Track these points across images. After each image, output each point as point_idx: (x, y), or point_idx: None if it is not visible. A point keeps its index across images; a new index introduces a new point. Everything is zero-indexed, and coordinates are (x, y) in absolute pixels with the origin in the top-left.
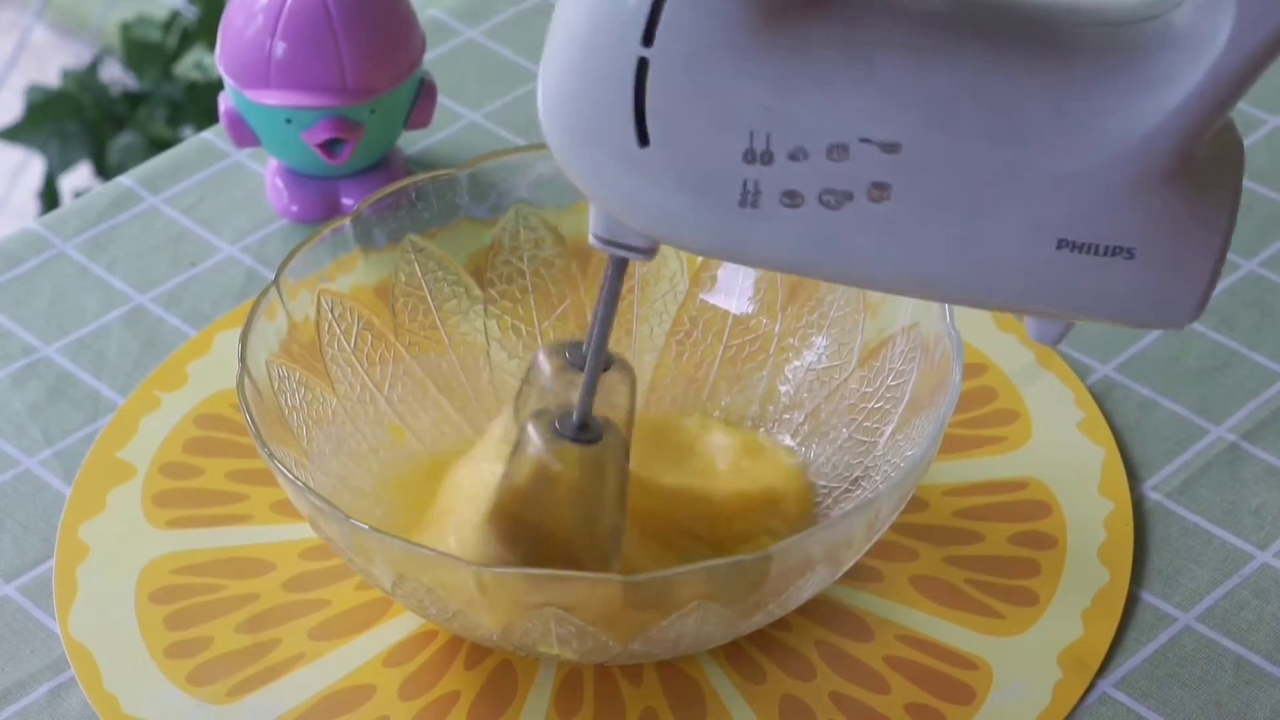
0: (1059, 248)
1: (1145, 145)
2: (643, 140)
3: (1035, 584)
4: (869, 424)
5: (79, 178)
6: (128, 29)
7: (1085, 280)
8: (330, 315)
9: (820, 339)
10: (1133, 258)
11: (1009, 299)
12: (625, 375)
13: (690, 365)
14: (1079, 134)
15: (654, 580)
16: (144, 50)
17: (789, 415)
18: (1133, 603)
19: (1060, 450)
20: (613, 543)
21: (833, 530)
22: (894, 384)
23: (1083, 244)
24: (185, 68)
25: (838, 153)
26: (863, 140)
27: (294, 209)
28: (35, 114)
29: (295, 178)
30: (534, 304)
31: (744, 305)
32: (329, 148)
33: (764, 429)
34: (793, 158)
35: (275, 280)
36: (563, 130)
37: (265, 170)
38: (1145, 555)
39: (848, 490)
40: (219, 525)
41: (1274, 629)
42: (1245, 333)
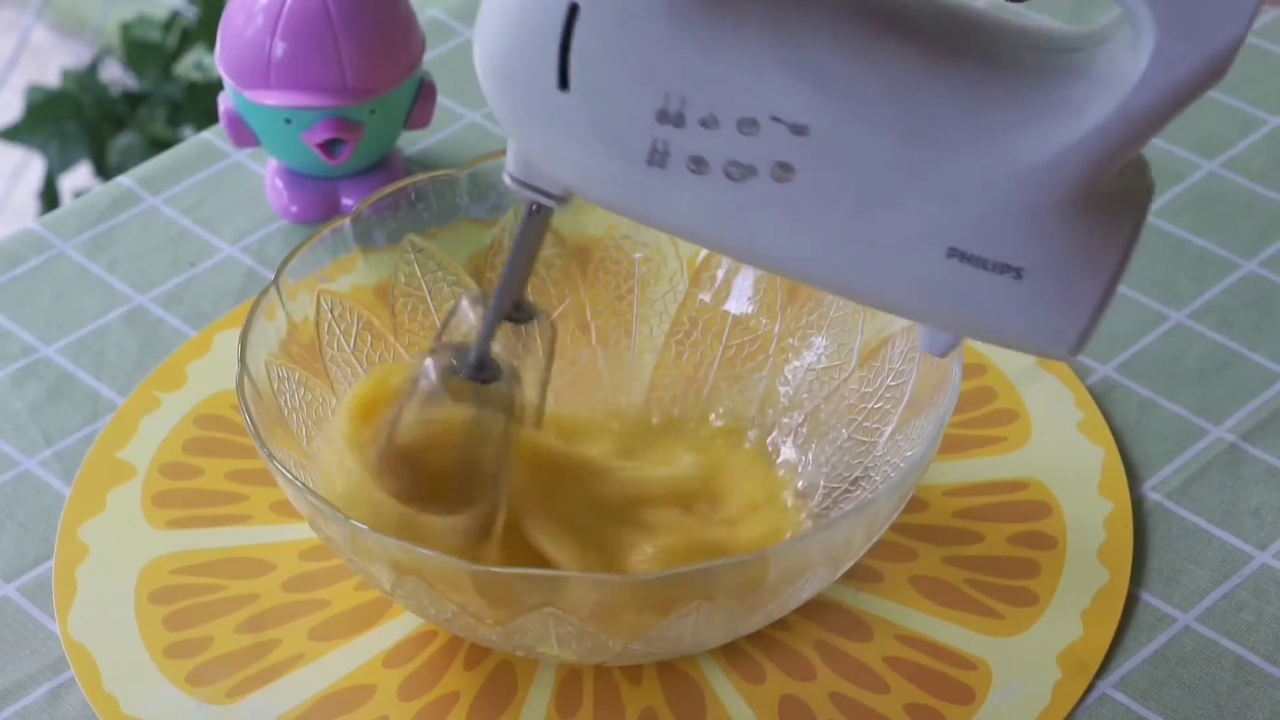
0: (949, 256)
1: (1047, 168)
2: (563, 83)
3: (1035, 584)
4: (869, 424)
5: (79, 178)
6: (128, 29)
7: (972, 293)
8: (330, 315)
9: (820, 339)
10: (1020, 278)
11: (896, 301)
12: (546, 328)
13: (690, 365)
14: (984, 145)
15: (654, 580)
16: (144, 50)
17: (789, 415)
18: (1132, 603)
19: (1060, 450)
20: (496, 485)
21: (832, 531)
22: (894, 384)
23: (973, 256)
24: (185, 68)
25: (748, 127)
26: (774, 118)
27: (294, 209)
28: (35, 114)
29: (295, 178)
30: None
31: (744, 305)
32: (329, 148)
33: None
34: (704, 124)
35: (275, 280)
36: (491, 64)
37: (265, 170)
38: (1145, 555)
39: (847, 490)
40: (219, 525)
41: (1274, 629)
42: (1245, 333)
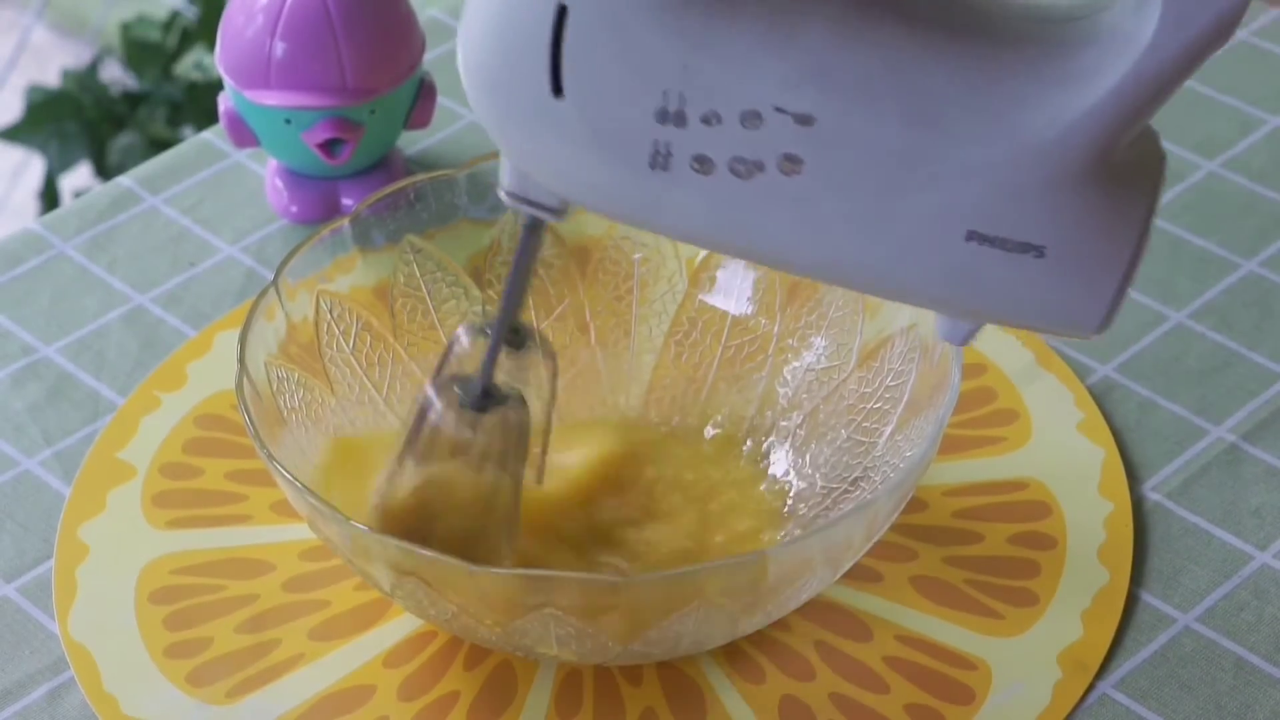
0: (968, 239)
1: (1061, 141)
2: (556, 90)
3: (1035, 584)
4: (868, 424)
5: (79, 178)
6: (128, 29)
7: (994, 275)
8: (329, 316)
9: (819, 339)
10: (1043, 256)
11: (917, 290)
12: (548, 356)
13: (689, 366)
14: (995, 123)
15: (653, 581)
16: (144, 50)
17: (788, 416)
18: (1133, 603)
19: (1060, 451)
20: (507, 518)
21: (832, 531)
22: (893, 384)
23: (993, 237)
24: (185, 68)
25: (751, 120)
26: (777, 109)
27: (294, 209)
28: (35, 114)
29: (295, 178)
30: (532, 304)
31: (743, 306)
32: (329, 148)
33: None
34: (706, 121)
35: (274, 281)
36: (478, 77)
37: (265, 170)
38: (1145, 556)
39: (847, 491)
40: (219, 525)
41: (1274, 629)
42: (1245, 333)
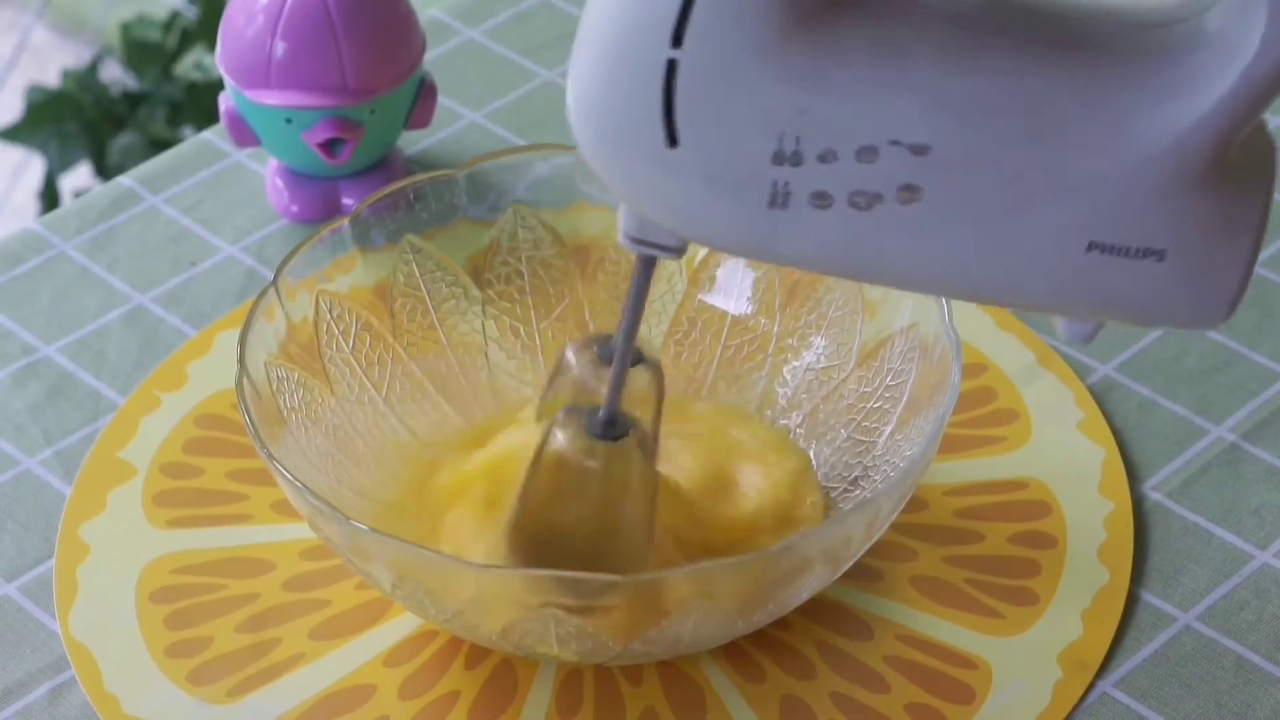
0: (1089, 249)
1: (1177, 148)
2: (672, 141)
3: (1035, 584)
4: (868, 424)
5: (79, 178)
6: (128, 29)
7: (1116, 282)
8: (329, 316)
9: (819, 339)
10: (1163, 259)
11: (1039, 300)
12: (654, 371)
13: (689, 366)
14: (1110, 136)
15: (653, 580)
16: (144, 50)
17: (787, 416)
18: (1133, 602)
19: (1060, 450)
20: (641, 540)
21: (832, 530)
22: (893, 384)
23: (1113, 246)
24: (185, 68)
25: (867, 155)
26: (892, 142)
27: (294, 209)
28: (35, 114)
29: (295, 178)
30: (532, 304)
31: (742, 305)
32: (329, 148)
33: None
34: (822, 159)
35: (274, 281)
36: (592, 130)
37: (265, 170)
38: (1145, 555)
39: (847, 490)
40: (219, 525)
41: (1274, 629)
42: (1245, 333)
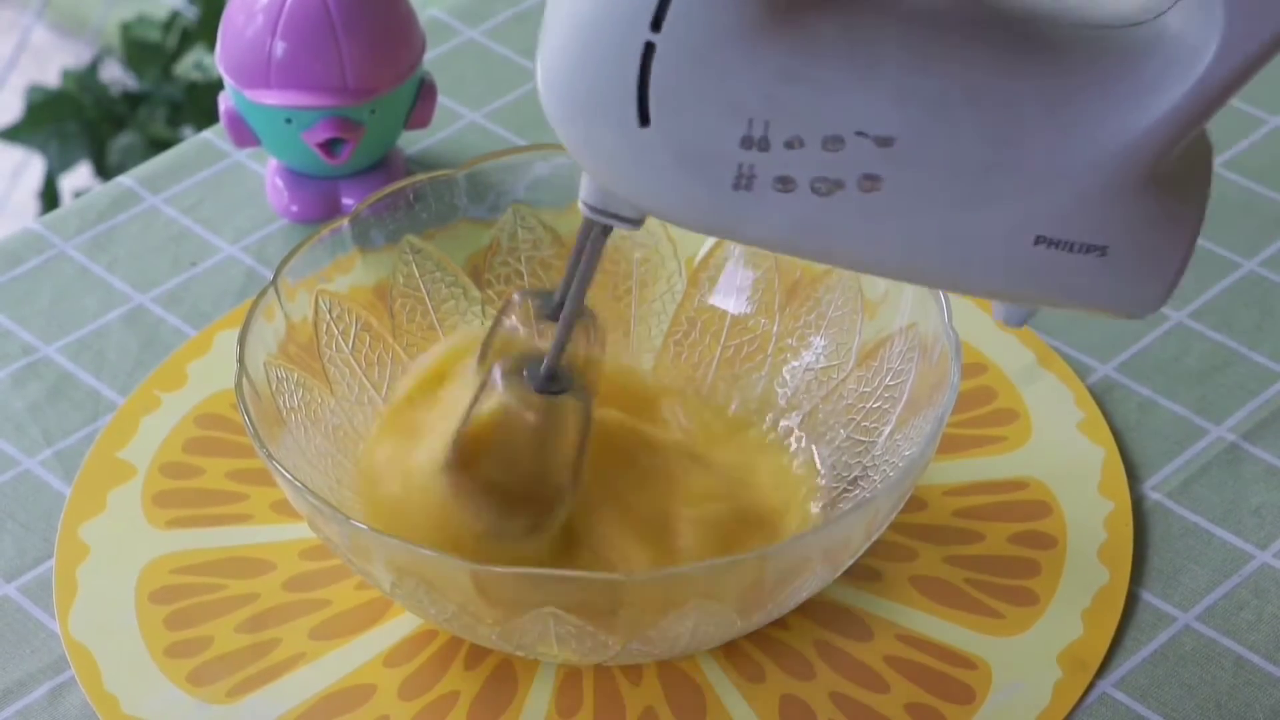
0: (1036, 243)
1: (1129, 151)
2: (643, 120)
3: (1035, 584)
4: (867, 424)
5: (79, 178)
6: (128, 29)
7: (1057, 274)
8: (328, 316)
9: (818, 339)
10: (1105, 255)
11: (983, 287)
12: (593, 324)
13: (689, 366)
14: (1067, 137)
15: (653, 580)
16: (144, 50)
17: (787, 416)
18: (1133, 602)
19: (1060, 450)
20: (566, 496)
21: (831, 530)
22: (892, 384)
23: (1059, 240)
24: (185, 68)
25: (833, 144)
26: (858, 133)
27: (294, 209)
28: (35, 114)
29: (295, 178)
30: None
31: (742, 305)
32: (329, 148)
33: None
34: (789, 146)
35: (274, 281)
36: (562, 103)
37: (265, 170)
38: (1145, 555)
39: (846, 490)
40: (219, 525)
41: (1274, 629)
42: (1245, 333)
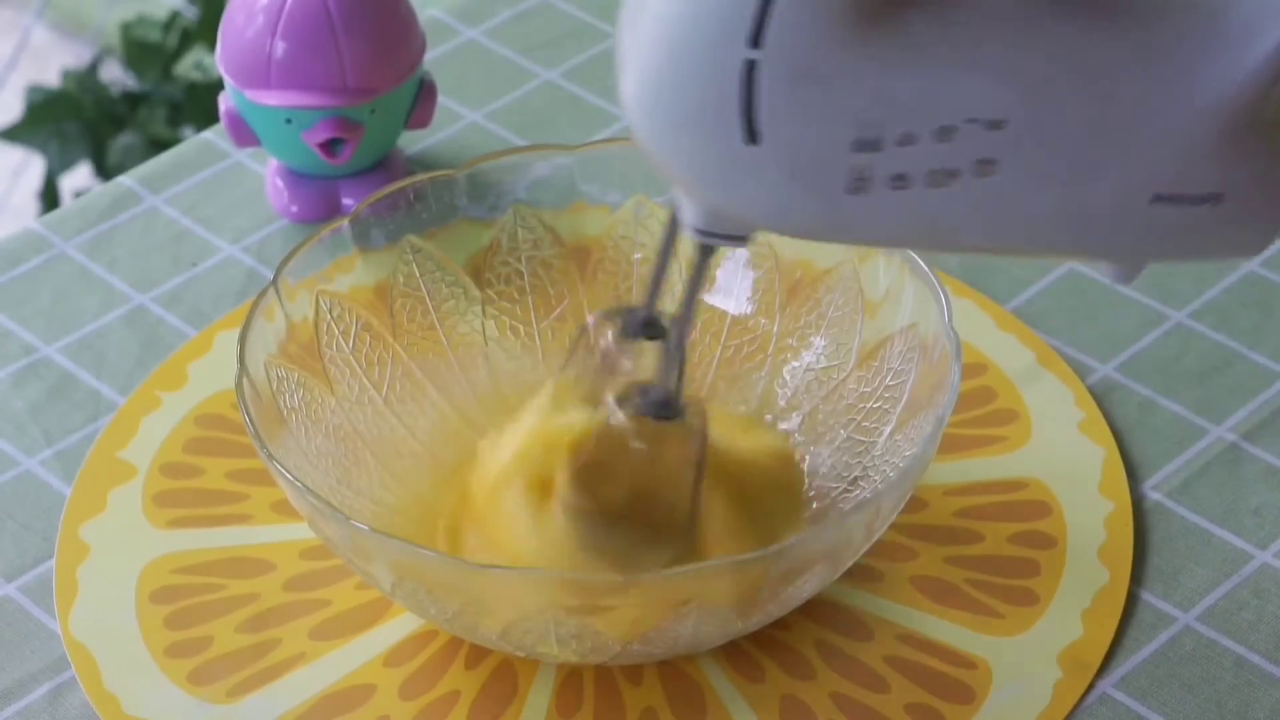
0: (1154, 202)
1: (1229, 100)
2: (751, 138)
3: (1035, 584)
4: (867, 424)
5: (79, 178)
6: (128, 29)
7: (1177, 228)
8: (329, 316)
9: (818, 339)
10: (1220, 203)
11: (1104, 252)
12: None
13: (689, 366)
14: (1170, 93)
15: (653, 580)
16: (144, 50)
17: (787, 416)
18: (1133, 603)
19: (1060, 450)
20: (689, 518)
21: (832, 530)
22: (892, 384)
23: (1176, 195)
24: (185, 68)
25: (945, 134)
26: (969, 120)
27: (294, 209)
28: (35, 114)
29: (295, 178)
30: (532, 304)
31: (742, 306)
32: (329, 148)
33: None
34: (901, 143)
35: (274, 281)
36: (660, 129)
37: (265, 170)
38: (1145, 555)
39: (846, 490)
40: (219, 525)
41: (1274, 629)
42: (1245, 333)
